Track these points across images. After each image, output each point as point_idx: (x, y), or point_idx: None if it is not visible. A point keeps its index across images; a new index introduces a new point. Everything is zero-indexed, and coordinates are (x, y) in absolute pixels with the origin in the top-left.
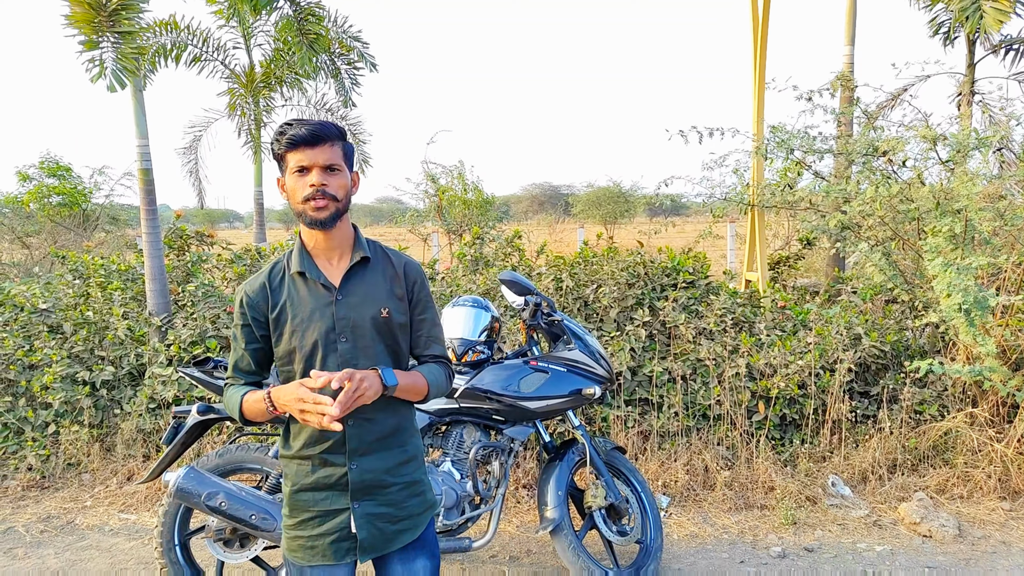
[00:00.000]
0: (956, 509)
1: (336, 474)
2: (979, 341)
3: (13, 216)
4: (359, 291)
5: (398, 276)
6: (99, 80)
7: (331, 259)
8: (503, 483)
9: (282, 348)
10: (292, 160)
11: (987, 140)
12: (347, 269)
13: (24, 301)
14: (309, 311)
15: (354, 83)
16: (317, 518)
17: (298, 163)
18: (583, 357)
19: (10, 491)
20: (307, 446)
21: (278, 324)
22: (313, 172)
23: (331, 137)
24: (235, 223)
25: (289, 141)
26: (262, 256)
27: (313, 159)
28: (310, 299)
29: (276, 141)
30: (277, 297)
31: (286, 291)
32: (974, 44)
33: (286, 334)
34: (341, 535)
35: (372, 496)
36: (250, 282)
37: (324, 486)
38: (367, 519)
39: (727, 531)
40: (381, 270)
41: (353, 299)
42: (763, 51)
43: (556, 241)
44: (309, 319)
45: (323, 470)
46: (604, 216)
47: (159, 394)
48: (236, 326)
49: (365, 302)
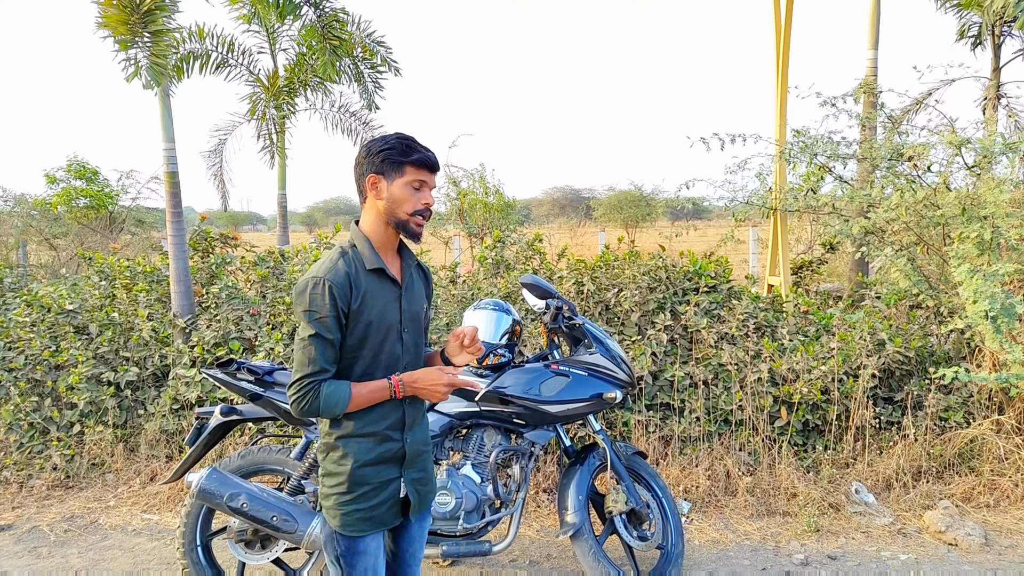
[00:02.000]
0: (982, 518)
1: (394, 448)
2: (1006, 348)
3: (41, 218)
4: (413, 288)
5: (424, 277)
6: (134, 79)
7: (386, 257)
8: (523, 487)
9: (355, 336)
10: (414, 174)
11: (1014, 145)
12: (411, 268)
13: (51, 302)
14: (383, 304)
15: (377, 87)
16: (375, 489)
17: (419, 178)
18: (604, 361)
19: (35, 490)
20: (371, 424)
21: (358, 315)
22: (426, 191)
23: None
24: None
25: (420, 159)
26: (285, 258)
27: (432, 182)
28: (383, 293)
29: (402, 152)
30: (359, 288)
31: (364, 283)
32: (1000, 48)
33: (362, 324)
34: (393, 501)
35: (416, 464)
36: (334, 274)
37: (383, 460)
38: (412, 484)
39: (749, 537)
40: (417, 271)
41: (410, 295)
42: (786, 55)
43: (577, 245)
44: (383, 311)
45: (384, 445)
46: (625, 220)
47: (182, 395)
48: (322, 319)
49: (415, 298)
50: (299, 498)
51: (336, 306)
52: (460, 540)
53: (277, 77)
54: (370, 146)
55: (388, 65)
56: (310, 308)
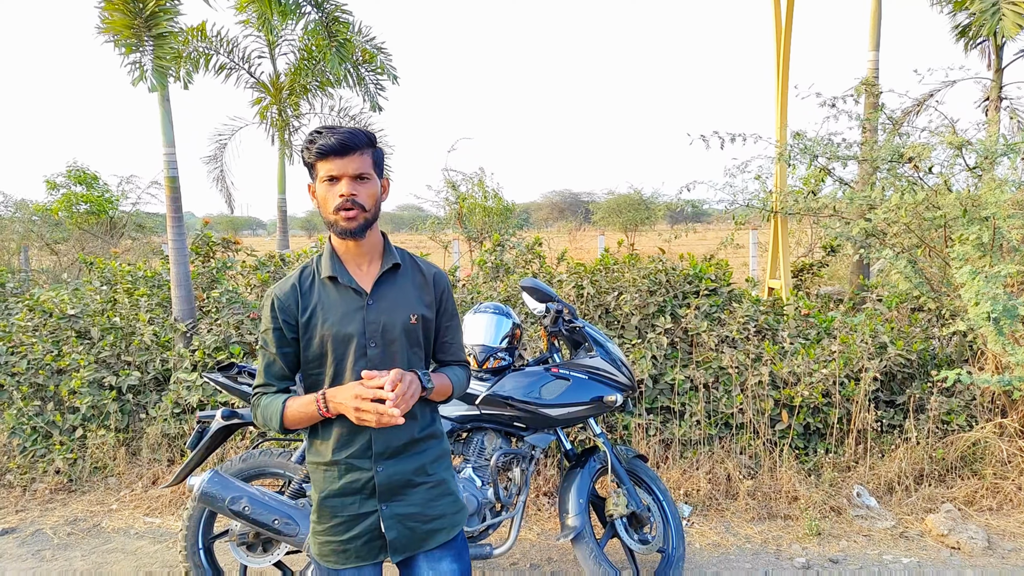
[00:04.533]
0: (985, 521)
1: (363, 479)
2: (1008, 350)
3: (42, 224)
4: (389, 297)
5: (427, 284)
6: (139, 83)
7: (361, 265)
8: (524, 490)
9: (312, 352)
10: (322, 169)
11: (1016, 146)
12: (378, 275)
13: (53, 307)
14: (340, 315)
15: (379, 89)
16: (346, 523)
17: (328, 172)
18: (604, 364)
19: (38, 494)
20: (333, 452)
21: (308, 328)
22: (343, 182)
23: (360, 146)
24: (258, 230)
25: (319, 150)
26: (285, 263)
27: (343, 169)
28: (341, 304)
29: (306, 149)
30: (307, 300)
31: (316, 295)
32: (1001, 49)
33: (316, 338)
34: (372, 535)
35: (401, 497)
36: (279, 285)
37: (351, 491)
38: (396, 519)
39: (750, 541)
40: (411, 277)
41: (383, 304)
42: (786, 57)
43: (576, 248)
44: (340, 324)
45: (349, 475)
46: (624, 223)
47: (184, 399)
48: (266, 331)
49: (395, 308)
50: (300, 501)
51: (277, 319)
52: None
53: (279, 81)
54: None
55: (387, 73)
56: (263, 322)
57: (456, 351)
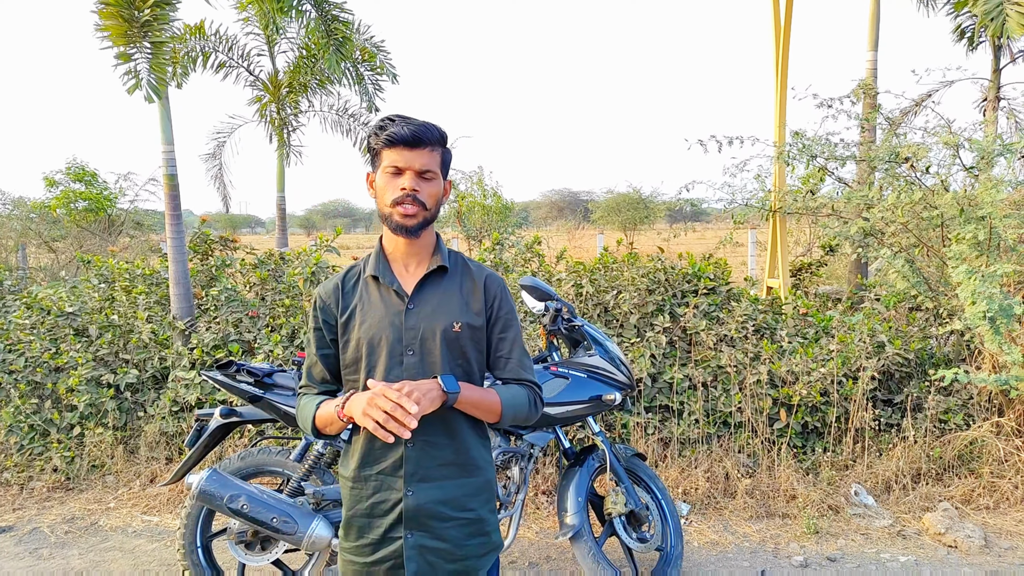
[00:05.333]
0: (982, 519)
1: (392, 500)
2: (1005, 349)
3: (40, 221)
4: (432, 301)
5: (477, 289)
6: (135, 92)
7: (408, 265)
8: (523, 489)
9: (348, 355)
10: (387, 158)
11: (1012, 146)
12: (421, 277)
13: (51, 304)
14: (378, 318)
15: (377, 88)
16: (372, 545)
17: (393, 163)
18: (603, 363)
19: (36, 492)
20: (363, 467)
21: (346, 329)
22: (407, 175)
23: (432, 141)
24: (256, 228)
25: (388, 138)
26: (285, 261)
27: (409, 162)
28: (381, 305)
29: (374, 135)
30: (348, 300)
31: (358, 295)
32: (999, 50)
33: (353, 340)
34: (396, 563)
35: (428, 528)
36: (324, 284)
37: (379, 513)
38: (418, 551)
39: (748, 539)
40: (459, 282)
41: (425, 309)
42: (785, 57)
43: (576, 247)
44: (377, 327)
45: (378, 495)
46: (624, 222)
47: (182, 397)
48: (308, 331)
49: (437, 314)
50: (299, 500)
51: (318, 318)
52: None
53: (277, 79)
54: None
55: (387, 72)
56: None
57: (516, 368)
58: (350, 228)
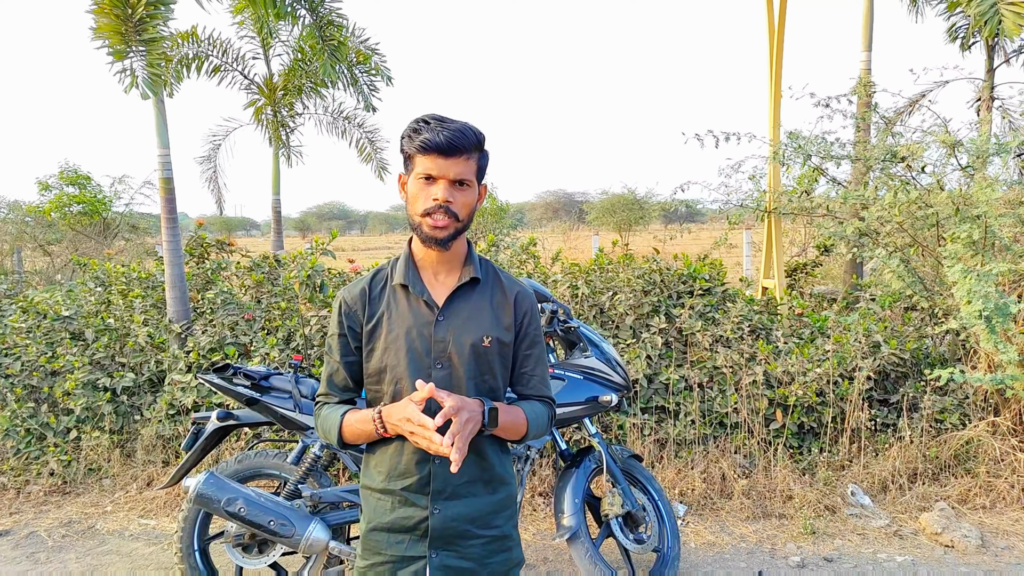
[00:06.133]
0: (979, 519)
1: (416, 517)
2: (1000, 349)
3: (35, 225)
4: (463, 314)
5: (507, 304)
6: (131, 90)
7: (438, 274)
8: (520, 491)
9: (373, 365)
10: (420, 164)
11: (1007, 146)
12: (454, 288)
13: (47, 308)
14: (406, 328)
15: (373, 90)
16: (392, 564)
17: (426, 170)
18: (599, 364)
19: (32, 496)
20: (389, 480)
21: (372, 337)
22: (440, 184)
23: (468, 148)
24: (252, 231)
25: (423, 144)
26: (280, 264)
27: (443, 170)
28: (410, 315)
29: (407, 138)
30: (375, 307)
31: (385, 302)
32: (993, 49)
33: (378, 350)
34: None
35: (453, 547)
36: (349, 288)
37: (401, 528)
38: (444, 571)
39: (745, 540)
40: (490, 294)
41: (455, 322)
42: (779, 57)
43: (571, 248)
44: (405, 337)
45: (402, 510)
46: (619, 223)
47: (179, 400)
48: (332, 336)
49: (468, 327)
50: (296, 502)
51: (343, 324)
52: None
53: (272, 82)
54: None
55: (381, 75)
56: (330, 324)
57: (538, 385)
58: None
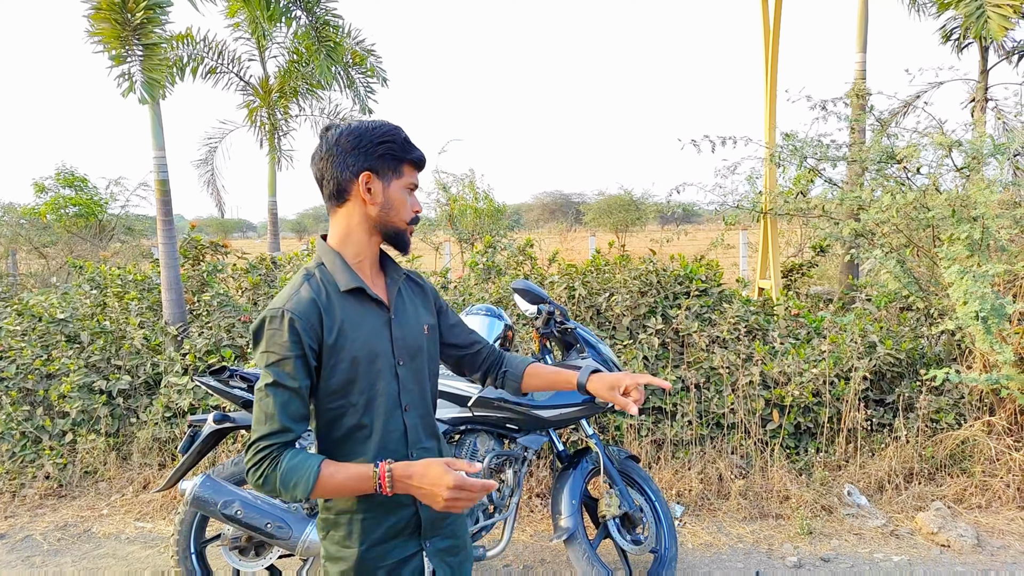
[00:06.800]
0: (974, 519)
1: (406, 515)
2: (996, 349)
3: (30, 227)
4: (408, 309)
5: (422, 289)
6: (130, 94)
7: (370, 275)
8: (517, 492)
9: (338, 379)
10: (411, 175)
11: (1003, 147)
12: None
13: (42, 311)
14: (368, 333)
15: (369, 91)
16: (390, 571)
17: (414, 182)
18: (596, 365)
19: (28, 499)
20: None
21: (336, 350)
22: (414, 196)
23: None
24: (248, 233)
25: (418, 159)
26: (277, 265)
27: (418, 182)
28: (367, 320)
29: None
30: (332, 318)
31: (340, 310)
32: (987, 50)
33: (345, 362)
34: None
35: (440, 531)
36: (293, 302)
37: (396, 533)
38: (439, 557)
39: (742, 540)
40: (411, 286)
41: (403, 318)
42: (774, 58)
43: (568, 249)
44: (370, 342)
45: (394, 515)
46: (615, 224)
47: (175, 403)
48: (283, 361)
49: (413, 321)
50: (292, 505)
51: (301, 343)
52: None
53: (268, 84)
54: (362, 134)
55: (376, 75)
56: (267, 349)
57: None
58: None
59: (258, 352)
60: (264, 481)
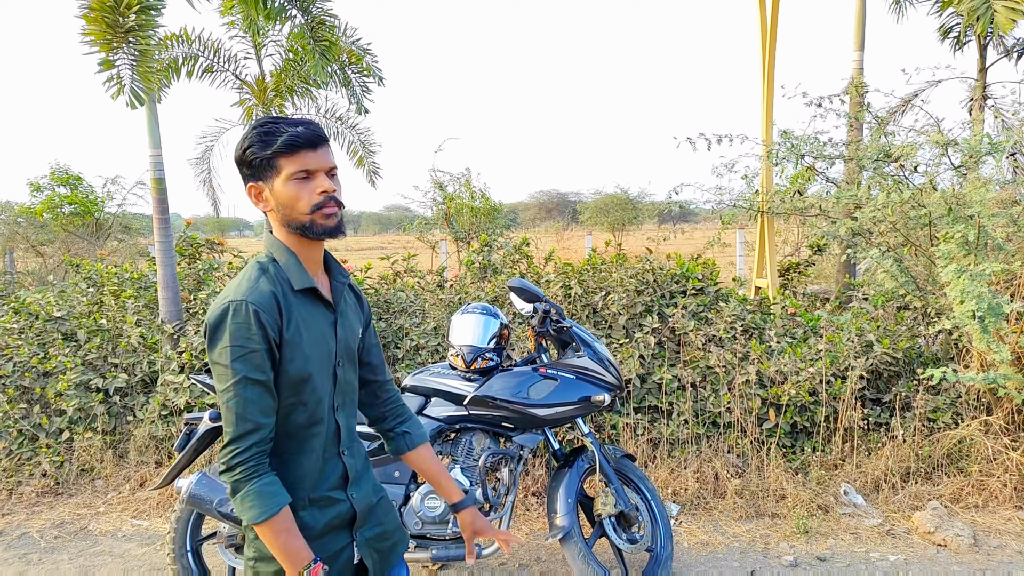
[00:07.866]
0: (971, 518)
1: (342, 510)
2: (993, 348)
3: (27, 226)
4: (348, 311)
5: (360, 301)
6: (119, 97)
7: (315, 273)
8: (512, 490)
9: (292, 376)
10: (291, 165)
11: (1000, 145)
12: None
13: (39, 309)
14: (319, 332)
15: (365, 91)
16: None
17: (302, 167)
18: (592, 364)
19: (25, 497)
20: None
21: (292, 345)
22: (320, 177)
23: (326, 138)
24: (244, 231)
25: (289, 144)
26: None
27: (319, 163)
28: (317, 318)
29: (259, 145)
30: (290, 313)
31: (295, 306)
32: (985, 48)
33: (298, 359)
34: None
35: (368, 521)
36: (254, 296)
37: (332, 528)
38: (368, 545)
39: (738, 539)
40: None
41: (344, 320)
42: (771, 56)
43: (564, 248)
44: (320, 341)
45: (331, 510)
46: (612, 223)
47: (171, 401)
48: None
49: (352, 322)
50: None
51: (266, 336)
52: (449, 544)
53: (264, 82)
54: (236, 150)
55: (373, 75)
56: (233, 343)
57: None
58: None
59: (219, 347)
60: (233, 487)
